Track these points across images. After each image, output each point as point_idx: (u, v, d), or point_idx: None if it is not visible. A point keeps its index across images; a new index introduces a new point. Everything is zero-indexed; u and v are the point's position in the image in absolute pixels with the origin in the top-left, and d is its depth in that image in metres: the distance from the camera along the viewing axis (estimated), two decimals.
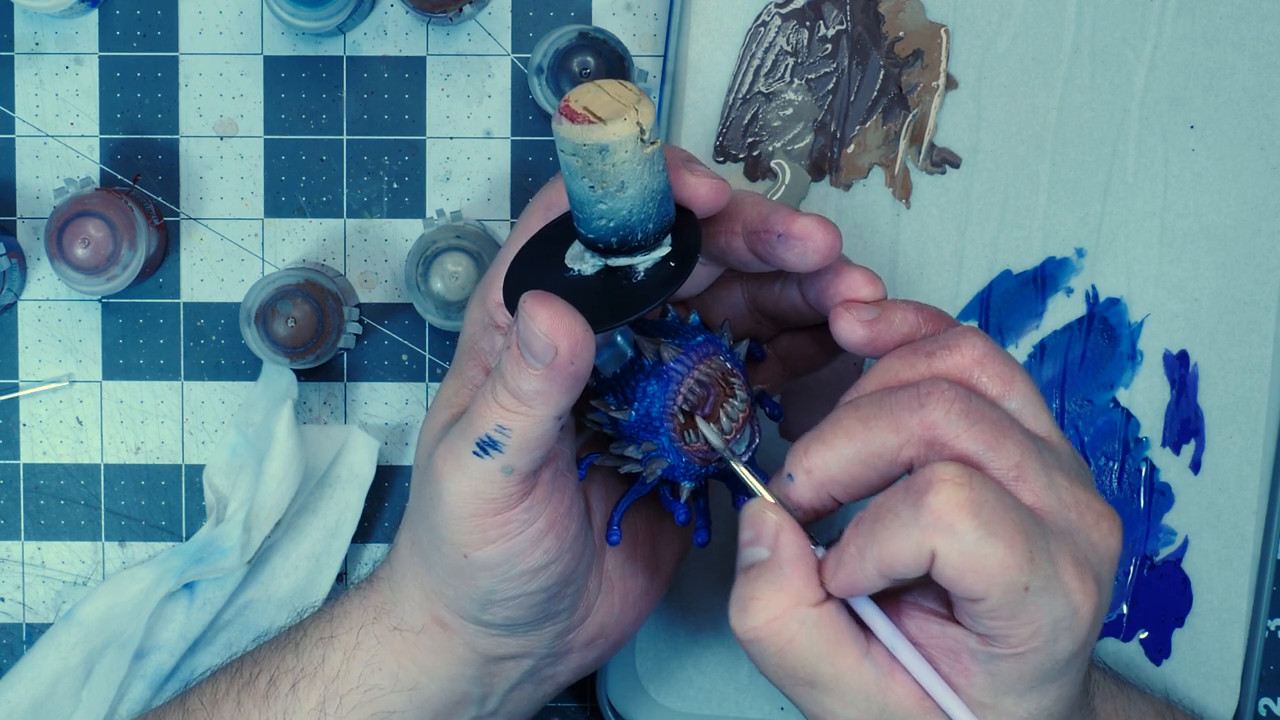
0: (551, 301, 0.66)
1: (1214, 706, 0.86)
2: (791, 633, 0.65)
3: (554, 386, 0.66)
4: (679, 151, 0.71)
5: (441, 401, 0.73)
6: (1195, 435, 0.85)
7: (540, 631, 0.74)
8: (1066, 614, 0.64)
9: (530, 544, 0.70)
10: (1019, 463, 0.65)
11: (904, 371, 0.68)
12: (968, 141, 0.85)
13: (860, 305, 0.70)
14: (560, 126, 0.65)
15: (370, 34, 0.88)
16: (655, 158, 0.66)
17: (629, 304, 0.68)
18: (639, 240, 0.68)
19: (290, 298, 0.85)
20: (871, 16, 0.85)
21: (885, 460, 0.66)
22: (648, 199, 0.67)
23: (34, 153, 0.89)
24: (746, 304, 0.75)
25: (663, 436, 0.70)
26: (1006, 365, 0.68)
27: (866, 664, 0.65)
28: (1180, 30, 0.84)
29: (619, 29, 0.88)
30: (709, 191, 0.69)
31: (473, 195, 0.89)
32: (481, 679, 0.75)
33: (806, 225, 0.69)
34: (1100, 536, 0.66)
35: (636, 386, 0.70)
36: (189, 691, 0.78)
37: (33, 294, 0.89)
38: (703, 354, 0.71)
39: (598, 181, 0.66)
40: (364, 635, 0.75)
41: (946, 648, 0.65)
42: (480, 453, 0.68)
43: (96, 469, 0.90)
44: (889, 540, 0.63)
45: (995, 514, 0.62)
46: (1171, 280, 0.85)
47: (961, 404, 0.65)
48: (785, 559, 0.66)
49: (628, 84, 0.67)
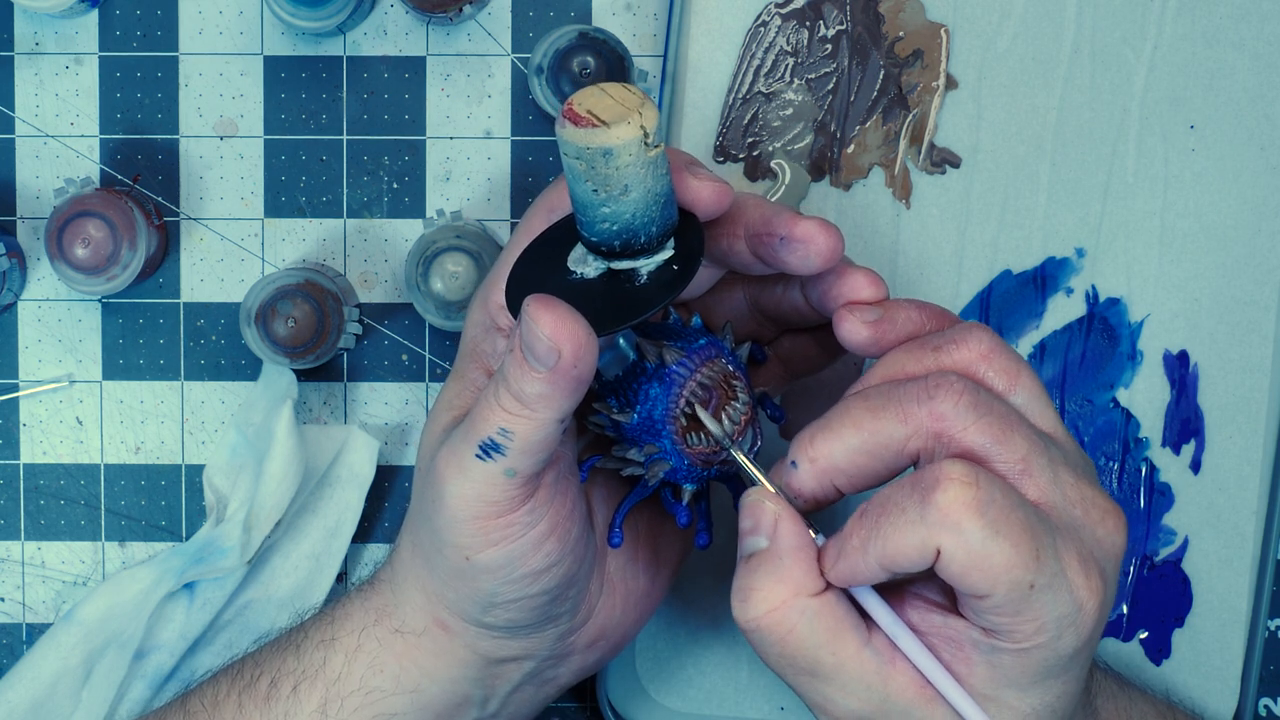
0: (555, 305, 0.66)
1: (1214, 706, 0.86)
2: (792, 623, 0.65)
3: (557, 390, 0.66)
4: (681, 155, 0.71)
5: (443, 404, 0.73)
6: (1195, 435, 0.85)
7: (542, 634, 0.74)
8: (1071, 611, 0.64)
9: (532, 547, 0.70)
10: (1025, 457, 0.65)
11: (910, 365, 0.68)
12: (968, 141, 0.85)
13: (863, 307, 0.70)
14: (564, 130, 0.65)
15: (370, 34, 0.88)
16: (659, 161, 0.66)
17: (632, 307, 0.68)
18: (642, 243, 0.68)
19: (290, 298, 0.85)
20: (871, 16, 0.85)
21: (891, 451, 0.66)
22: (651, 202, 0.67)
23: (34, 153, 0.89)
24: (748, 306, 0.75)
25: (665, 439, 0.70)
26: (1012, 360, 0.68)
27: (867, 653, 0.65)
28: (1180, 30, 0.84)
29: (619, 29, 0.88)
30: (711, 195, 0.69)
31: (473, 195, 0.89)
32: (483, 681, 0.75)
33: (809, 228, 0.69)
34: (1105, 533, 0.66)
35: (639, 389, 0.70)
36: (189, 693, 0.78)
37: (33, 294, 0.89)
38: (705, 357, 0.71)
39: (601, 185, 0.66)
40: (365, 637, 0.75)
41: (948, 638, 0.65)
42: (483, 455, 0.68)
43: (96, 469, 0.90)
44: (893, 535, 0.63)
45: (1002, 512, 0.62)
46: (1171, 280, 0.85)
47: (970, 397, 0.65)
48: (784, 549, 0.66)
49: (631, 87, 0.66)
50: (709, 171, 0.70)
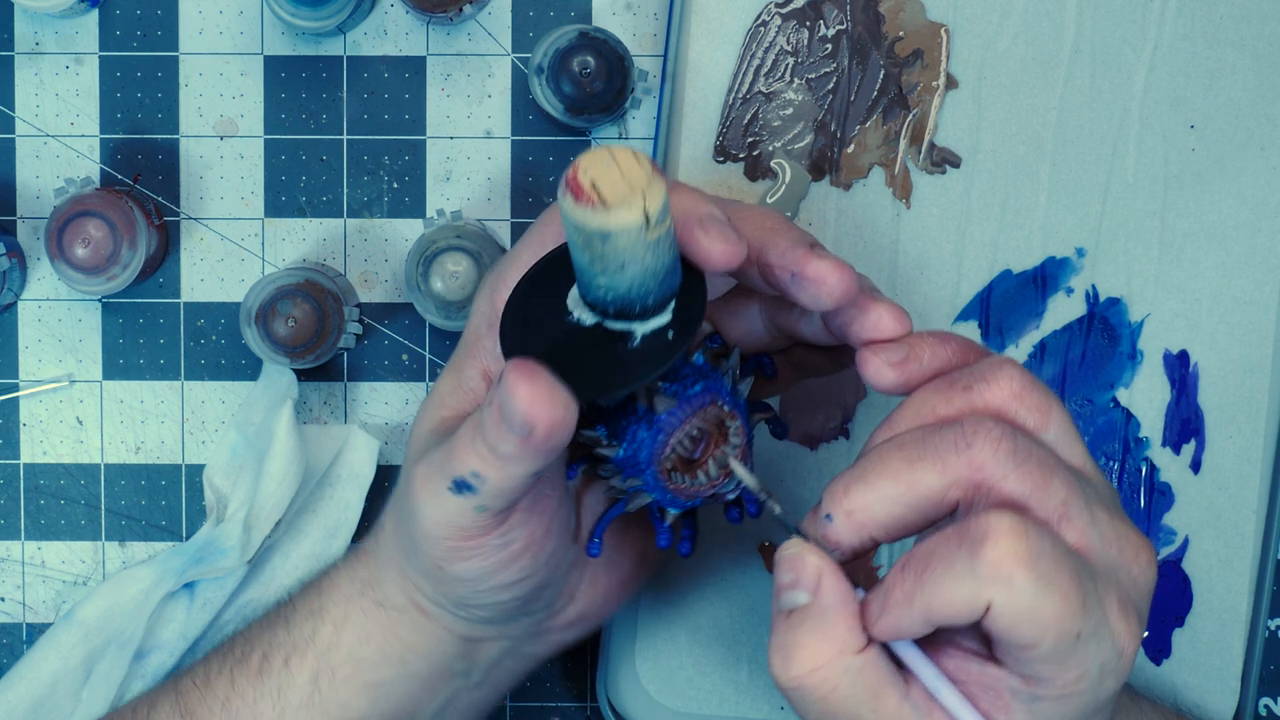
0: (535, 378, 0.64)
1: (1214, 706, 0.86)
2: (835, 681, 0.63)
3: (530, 455, 0.65)
4: (700, 205, 0.67)
5: (435, 400, 0.73)
6: (1195, 435, 0.85)
7: (519, 623, 0.74)
8: (1113, 657, 0.63)
9: (505, 563, 0.70)
10: (1064, 501, 0.63)
11: (941, 407, 0.66)
12: (968, 141, 0.85)
13: (887, 346, 0.67)
14: (564, 200, 0.63)
15: (370, 34, 0.88)
16: (661, 240, 0.64)
17: (620, 370, 0.66)
18: (637, 311, 0.66)
19: (290, 298, 0.85)
20: (871, 16, 0.85)
21: (930, 503, 0.64)
22: (648, 278, 0.65)
23: (34, 153, 0.89)
24: (764, 320, 0.74)
25: (648, 476, 0.69)
26: (1043, 396, 0.66)
27: (906, 706, 0.64)
28: (1180, 30, 0.84)
29: (619, 29, 0.88)
30: (722, 256, 0.66)
31: (473, 195, 0.89)
32: (463, 656, 0.76)
33: (821, 269, 0.67)
34: (1139, 570, 0.65)
35: (628, 428, 0.69)
36: (180, 674, 0.79)
37: (33, 294, 0.89)
38: (697, 405, 0.68)
39: (597, 259, 0.64)
40: (352, 607, 0.75)
41: (986, 685, 0.64)
42: (455, 490, 0.67)
43: (96, 469, 0.90)
44: (941, 589, 0.62)
45: (1051, 564, 0.61)
46: (1171, 280, 0.85)
47: (1009, 444, 0.63)
48: (829, 605, 0.64)
49: (641, 158, 0.63)
50: (725, 226, 0.67)
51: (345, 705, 0.75)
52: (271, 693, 0.75)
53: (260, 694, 0.76)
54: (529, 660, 0.78)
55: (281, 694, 0.75)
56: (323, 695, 0.75)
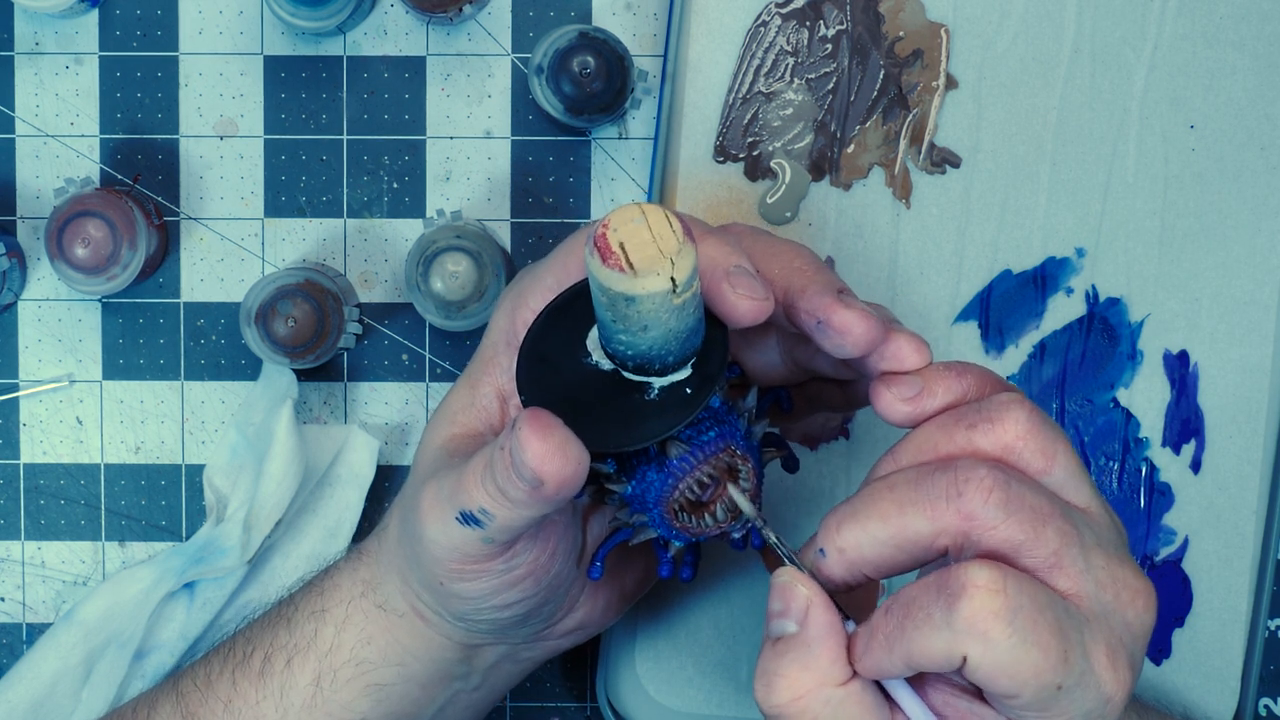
0: (546, 435, 0.63)
1: (1214, 706, 0.86)
2: (815, 712, 0.64)
3: (539, 504, 0.65)
4: (729, 256, 0.67)
5: (447, 414, 0.73)
6: (1195, 435, 0.85)
7: (518, 632, 0.74)
8: (1098, 705, 0.63)
9: (507, 586, 0.70)
10: (1057, 550, 0.63)
11: (943, 444, 0.66)
12: (968, 141, 0.85)
13: (901, 380, 0.67)
14: (591, 260, 0.62)
15: (370, 34, 0.88)
16: (685, 304, 0.63)
17: (633, 422, 0.66)
18: (656, 369, 0.66)
19: (290, 298, 0.85)
20: (871, 16, 0.84)
21: (920, 547, 0.64)
22: (670, 339, 0.64)
23: (34, 153, 0.89)
24: (782, 353, 0.73)
25: (654, 515, 0.68)
26: (1049, 437, 0.65)
27: None
28: (1180, 30, 0.84)
29: (619, 29, 0.88)
30: (749, 313, 0.66)
31: (473, 195, 0.89)
32: (462, 660, 0.76)
33: (847, 320, 0.66)
34: (1135, 614, 0.64)
35: (638, 467, 0.68)
36: (180, 674, 0.79)
37: (33, 294, 0.89)
38: (710, 452, 0.68)
39: (620, 319, 0.63)
40: (353, 609, 0.75)
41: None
42: (462, 522, 0.67)
43: (96, 469, 0.90)
44: (918, 639, 0.62)
45: (1029, 618, 0.61)
46: (1171, 280, 0.85)
47: (1000, 493, 0.63)
48: (814, 637, 0.64)
49: (674, 219, 0.62)
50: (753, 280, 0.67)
51: (347, 706, 0.75)
52: (274, 694, 0.75)
53: (263, 695, 0.76)
54: (527, 664, 0.78)
55: (284, 695, 0.75)
56: (325, 696, 0.75)
